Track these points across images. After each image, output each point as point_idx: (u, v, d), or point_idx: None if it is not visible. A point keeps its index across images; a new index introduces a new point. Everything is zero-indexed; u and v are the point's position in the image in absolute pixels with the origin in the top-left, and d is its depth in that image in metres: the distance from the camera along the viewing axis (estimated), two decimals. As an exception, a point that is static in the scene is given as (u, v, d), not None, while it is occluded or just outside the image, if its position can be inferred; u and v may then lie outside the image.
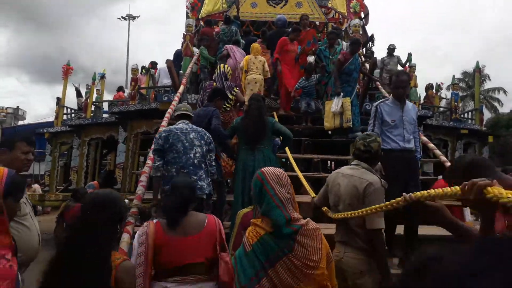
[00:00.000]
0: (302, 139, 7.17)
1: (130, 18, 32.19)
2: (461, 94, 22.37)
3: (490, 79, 32.75)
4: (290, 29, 8.18)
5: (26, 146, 2.41)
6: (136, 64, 9.70)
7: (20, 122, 35.25)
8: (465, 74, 32.53)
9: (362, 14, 11.05)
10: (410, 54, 10.23)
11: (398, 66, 9.78)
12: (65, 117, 12.13)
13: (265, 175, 2.06)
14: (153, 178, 3.80)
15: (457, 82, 10.71)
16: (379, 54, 11.37)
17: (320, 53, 7.29)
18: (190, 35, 8.14)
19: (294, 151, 6.31)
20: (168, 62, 7.34)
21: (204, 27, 9.53)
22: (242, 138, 4.19)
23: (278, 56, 7.34)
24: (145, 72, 11.09)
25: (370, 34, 11.65)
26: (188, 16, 9.58)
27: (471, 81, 30.78)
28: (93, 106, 11.21)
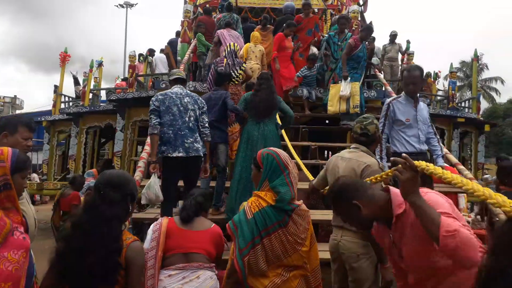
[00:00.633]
0: (300, 127, 7.19)
1: (128, 5, 31.81)
2: (458, 83, 22.35)
3: (488, 69, 32.80)
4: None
5: (28, 131, 2.43)
6: (133, 51, 9.63)
7: (17, 112, 35.06)
8: (463, 63, 32.54)
9: (361, 1, 11.00)
10: (408, 42, 10.22)
11: (399, 54, 9.79)
12: (63, 105, 12.09)
13: (279, 155, 2.27)
14: (150, 137, 3.99)
15: (454, 70, 10.69)
16: (377, 42, 11.34)
17: (329, 39, 7.02)
18: (188, 21, 8.10)
19: (293, 139, 6.35)
20: (166, 48, 7.30)
21: (202, 15, 9.47)
22: (252, 112, 4.50)
23: (277, 53, 7.08)
24: (143, 59, 11.04)
25: (369, 21, 11.59)
26: (186, 2, 9.53)
27: (469, 70, 30.78)
28: (90, 94, 11.16)
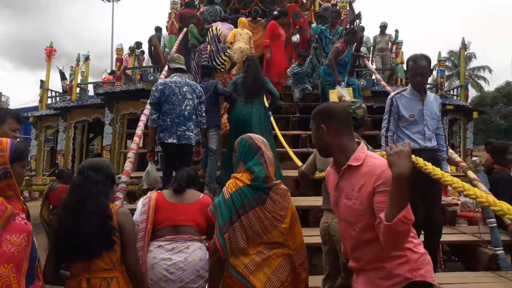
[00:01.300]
0: (290, 116, 7.19)
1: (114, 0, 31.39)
2: (447, 73, 22.55)
3: (476, 58, 33.09)
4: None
5: (16, 123, 2.45)
6: (121, 44, 9.51)
7: (3, 108, 34.44)
8: (451, 53, 32.77)
9: (349, -9, 10.97)
10: (397, 31, 10.27)
11: (390, 44, 9.81)
12: (49, 100, 11.93)
13: (252, 138, 2.35)
14: (149, 129, 4.24)
15: (443, 59, 10.76)
16: (367, 33, 11.34)
17: (321, 33, 6.91)
18: (175, 13, 8.01)
19: (283, 128, 6.35)
20: (152, 40, 7.21)
21: (184, 8, 9.37)
22: (241, 93, 4.82)
23: (269, 42, 6.98)
24: (130, 52, 10.91)
25: (357, 12, 11.59)
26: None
27: (457, 60, 31.02)
28: (78, 89, 11.02)
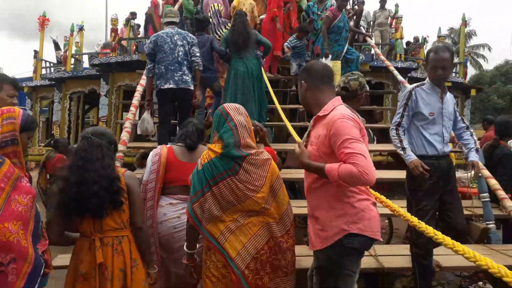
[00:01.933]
0: (288, 90, 7.13)
1: (108, -32, 30.51)
2: (446, 49, 22.16)
3: (476, 35, 32.73)
4: None
5: (13, 89, 2.43)
6: (115, 14, 9.32)
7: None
8: (451, 30, 32.37)
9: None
10: (397, 5, 10.06)
11: (389, 19, 9.65)
12: (44, 71, 11.76)
13: (224, 107, 2.31)
14: (146, 78, 4.56)
15: (443, 35, 10.63)
16: (366, 7, 11.14)
17: (308, 9, 6.82)
18: (171, -18, 7.79)
19: (281, 102, 6.30)
20: (148, 9, 7.06)
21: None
22: (233, 48, 5.02)
23: (277, 11, 6.80)
24: (125, 23, 10.68)
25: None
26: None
27: (457, 37, 30.64)
28: (72, 60, 10.85)
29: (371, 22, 9.45)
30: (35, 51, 11.48)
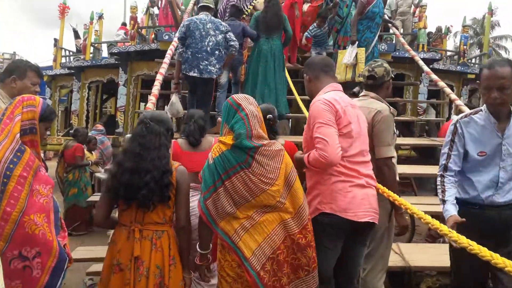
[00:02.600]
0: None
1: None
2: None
3: (499, 26, 31.81)
4: None
5: (36, 77, 2.42)
6: (135, 1, 9.25)
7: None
8: (473, 20, 31.52)
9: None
10: (421, -7, 9.76)
11: (412, 7, 9.34)
12: (63, 60, 11.85)
13: (233, 98, 2.22)
14: (176, 62, 4.83)
15: (468, 24, 10.30)
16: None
17: None
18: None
19: (301, 94, 6.19)
20: (168, -4, 6.97)
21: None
22: (263, 28, 5.29)
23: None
24: (144, 11, 10.66)
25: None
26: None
27: (479, 28, 29.88)
28: (92, 48, 10.90)
29: (394, 12, 9.17)
30: (55, 40, 11.56)
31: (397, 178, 2.60)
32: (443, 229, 1.83)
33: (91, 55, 10.74)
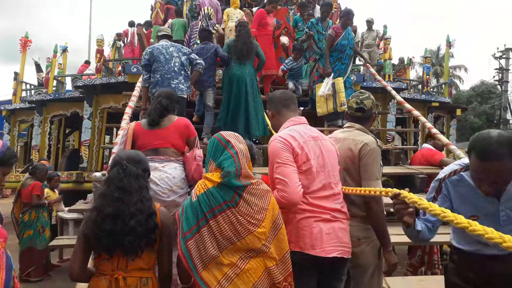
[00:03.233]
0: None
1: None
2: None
3: (453, 57, 33.68)
4: None
5: None
6: (101, 34, 9.06)
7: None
8: (429, 52, 33.26)
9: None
10: (385, 27, 10.18)
11: (377, 40, 9.69)
12: (24, 93, 11.40)
13: (221, 134, 2.11)
14: (142, 88, 4.89)
15: (429, 56, 10.78)
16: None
17: (312, 26, 6.48)
18: (160, 3, 7.67)
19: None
20: (138, 28, 6.89)
21: None
22: (235, 55, 5.35)
23: (256, 31, 6.47)
24: (111, 44, 10.46)
25: (343, 7, 11.48)
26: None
27: (434, 59, 31.52)
28: (55, 82, 10.53)
29: (359, 43, 9.49)
30: (15, 73, 11.13)
31: (384, 212, 2.49)
32: (448, 215, 1.46)
33: (54, 89, 10.37)
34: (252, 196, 1.95)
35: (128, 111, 4.40)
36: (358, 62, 8.41)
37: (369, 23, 9.74)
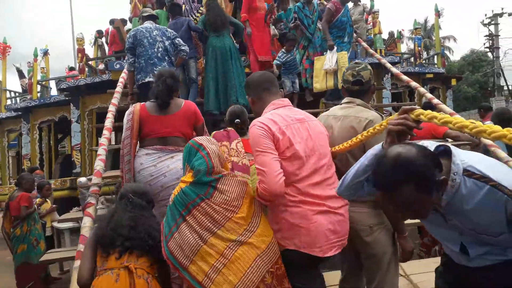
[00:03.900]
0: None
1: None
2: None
3: (441, 28, 33.38)
4: None
5: None
6: (81, 33, 8.72)
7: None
8: (417, 24, 32.96)
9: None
10: (372, 0, 9.90)
11: (365, 15, 9.40)
12: (9, 101, 11.09)
13: (194, 139, 2.20)
14: (127, 73, 4.74)
15: (419, 26, 10.53)
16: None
17: (299, 11, 6.02)
18: (137, -6, 7.36)
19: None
20: (115, 22, 6.61)
21: None
22: (210, 28, 5.31)
23: (247, 15, 5.92)
24: (92, 43, 10.14)
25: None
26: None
27: (423, 31, 31.25)
28: (38, 86, 10.22)
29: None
30: (-3, 82, 10.82)
31: None
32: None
33: (39, 94, 10.06)
34: (226, 185, 1.99)
35: (112, 109, 4.14)
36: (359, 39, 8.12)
37: (354, -2, 9.42)
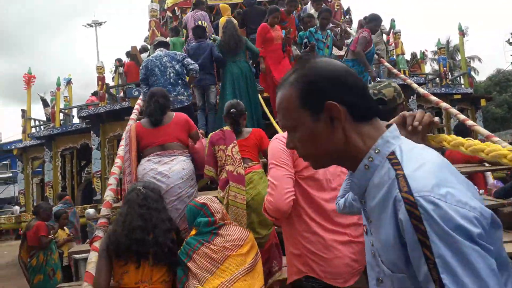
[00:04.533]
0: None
1: (96, 24, 30.85)
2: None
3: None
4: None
5: None
6: (101, 61, 8.84)
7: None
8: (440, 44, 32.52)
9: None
10: (393, 20, 9.67)
11: (384, 36, 9.18)
12: (34, 130, 11.29)
13: (196, 200, 2.31)
14: (143, 102, 4.81)
15: (443, 46, 10.24)
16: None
17: (310, 36, 5.77)
18: (155, 21, 7.44)
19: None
20: (132, 49, 6.64)
21: (171, 18, 8.83)
22: (226, 52, 5.30)
23: (262, 49, 5.61)
24: (113, 71, 10.29)
25: (346, 7, 11.05)
26: (151, 0, 8.85)
27: (446, 51, 30.75)
28: (61, 115, 10.37)
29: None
30: (23, 111, 11.05)
31: None
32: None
33: (62, 122, 10.20)
34: (228, 231, 2.14)
35: (124, 137, 4.03)
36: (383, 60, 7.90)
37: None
